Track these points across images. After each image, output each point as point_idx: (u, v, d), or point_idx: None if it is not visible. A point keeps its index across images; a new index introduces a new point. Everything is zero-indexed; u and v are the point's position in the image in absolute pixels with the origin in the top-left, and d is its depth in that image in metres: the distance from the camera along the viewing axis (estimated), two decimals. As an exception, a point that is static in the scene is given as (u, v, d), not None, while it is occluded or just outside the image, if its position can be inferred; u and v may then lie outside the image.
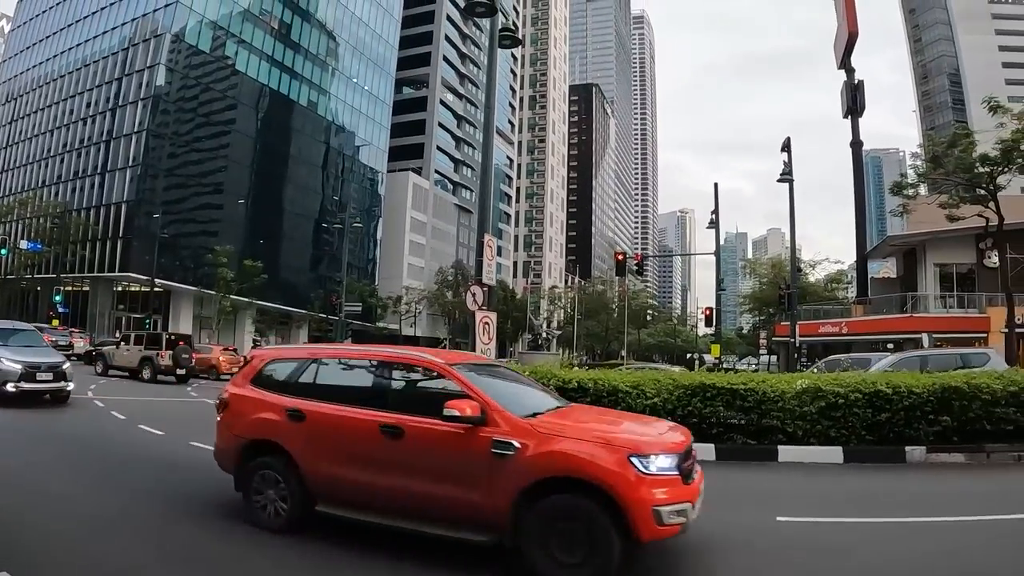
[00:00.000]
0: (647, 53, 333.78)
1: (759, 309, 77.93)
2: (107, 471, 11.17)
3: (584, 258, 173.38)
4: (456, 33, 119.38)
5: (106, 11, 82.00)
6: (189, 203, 75.36)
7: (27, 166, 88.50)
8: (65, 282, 72.69)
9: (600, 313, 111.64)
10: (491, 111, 20.97)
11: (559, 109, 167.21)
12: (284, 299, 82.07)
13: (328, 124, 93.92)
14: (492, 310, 18.23)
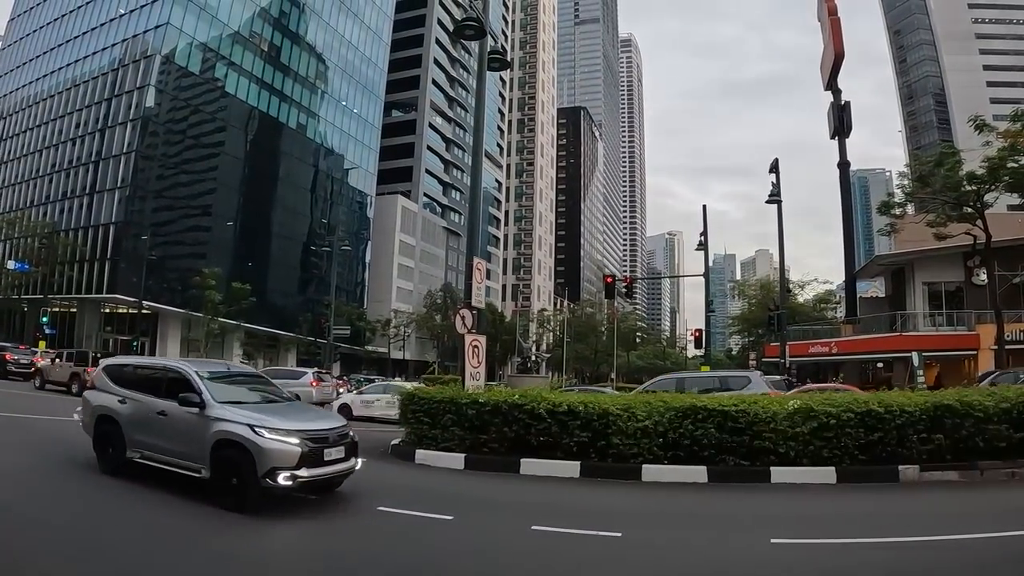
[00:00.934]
0: (635, 76, 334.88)
1: (748, 330, 78.03)
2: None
3: (573, 281, 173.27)
4: (445, 57, 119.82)
5: (96, 32, 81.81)
6: (177, 225, 75.14)
7: (15, 186, 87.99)
8: (52, 303, 72.45)
9: (589, 336, 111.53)
10: (480, 133, 21.08)
11: (547, 132, 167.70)
12: (272, 322, 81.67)
13: (317, 147, 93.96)
14: (481, 333, 18.47)
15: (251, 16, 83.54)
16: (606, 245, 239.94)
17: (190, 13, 75.59)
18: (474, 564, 8.17)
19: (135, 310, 65.52)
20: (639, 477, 13.45)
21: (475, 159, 21.66)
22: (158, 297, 69.77)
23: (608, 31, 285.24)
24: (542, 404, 14.42)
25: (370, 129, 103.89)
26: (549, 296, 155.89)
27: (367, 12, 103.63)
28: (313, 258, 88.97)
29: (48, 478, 11.87)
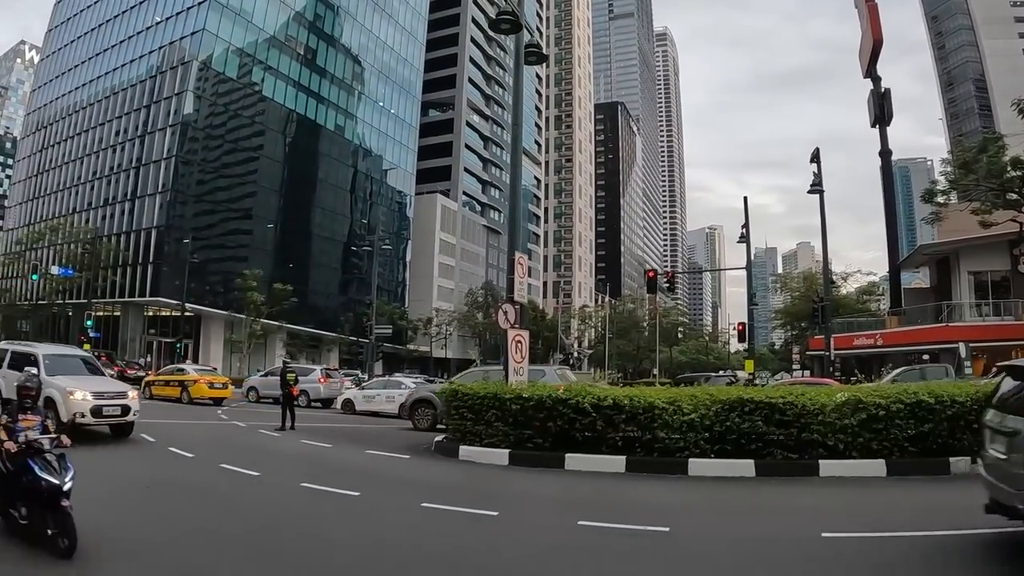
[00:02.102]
0: (671, 70, 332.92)
1: (791, 324, 77.02)
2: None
3: (614, 277, 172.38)
4: (480, 55, 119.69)
5: (134, 40, 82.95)
6: (218, 228, 75.85)
7: (57, 193, 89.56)
8: (96, 307, 73.00)
9: (631, 332, 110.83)
10: (519, 127, 20.81)
11: (585, 128, 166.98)
12: (314, 322, 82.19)
13: (355, 148, 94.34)
14: (524, 328, 18.15)
15: (286, 20, 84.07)
16: (646, 240, 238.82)
17: (226, 19, 76.25)
18: (520, 560, 7.97)
19: (178, 313, 65.94)
20: (685, 471, 13.17)
21: (514, 151, 21.42)
22: (201, 299, 70.26)
23: (643, 25, 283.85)
24: (587, 398, 14.25)
25: (408, 129, 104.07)
26: (590, 292, 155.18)
27: (401, 12, 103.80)
28: (354, 258, 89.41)
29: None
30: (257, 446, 18.09)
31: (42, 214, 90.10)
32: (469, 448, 15.45)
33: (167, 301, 69.39)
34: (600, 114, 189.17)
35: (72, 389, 16.19)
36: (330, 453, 17.03)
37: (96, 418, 16.44)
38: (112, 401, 16.87)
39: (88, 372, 18.42)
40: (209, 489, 11.71)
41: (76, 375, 17.47)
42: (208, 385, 33.00)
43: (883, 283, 68.93)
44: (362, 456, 16.49)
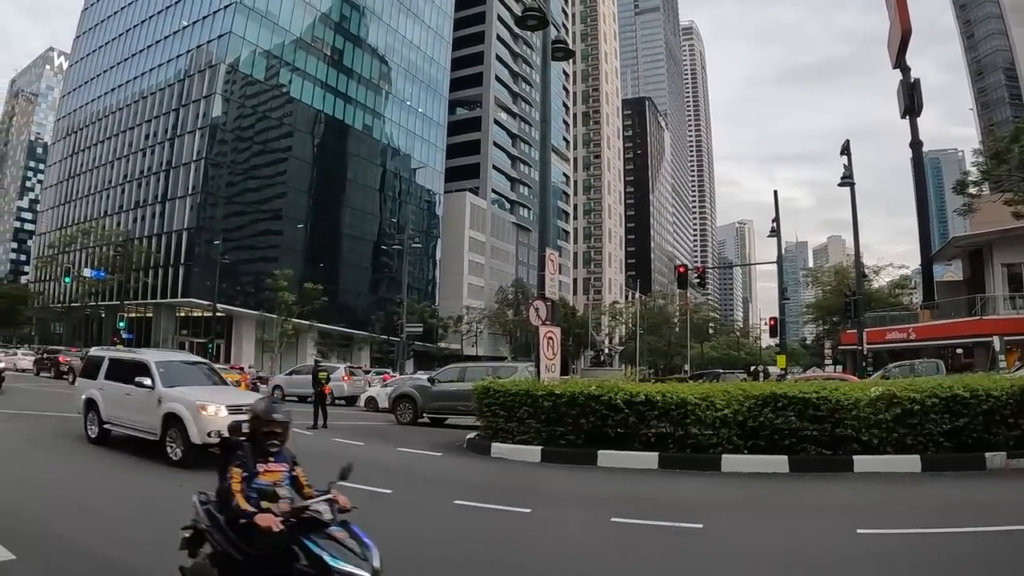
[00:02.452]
0: (698, 64, 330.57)
1: (822, 318, 76.24)
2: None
3: (644, 273, 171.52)
4: (507, 53, 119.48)
5: (161, 44, 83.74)
6: (249, 229, 76.24)
7: (89, 196, 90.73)
8: (128, 308, 73.79)
9: (662, 327, 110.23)
10: (547, 124, 20.87)
11: (613, 124, 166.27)
12: (345, 321, 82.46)
13: (384, 147, 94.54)
14: (555, 325, 18.14)
15: (312, 21, 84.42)
16: (676, 236, 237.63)
17: (252, 21, 76.69)
18: (553, 557, 7.90)
19: (210, 313, 66.41)
20: (718, 467, 13.12)
21: (543, 149, 21.33)
22: (232, 300, 70.85)
23: (669, 19, 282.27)
24: (619, 394, 14.24)
25: (436, 127, 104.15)
26: (620, 289, 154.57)
27: (427, 12, 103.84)
28: (384, 257, 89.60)
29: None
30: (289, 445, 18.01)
31: (74, 218, 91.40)
32: (501, 445, 15.51)
33: (199, 302, 69.99)
34: (628, 110, 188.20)
35: (204, 403, 13.05)
36: (362, 451, 17.02)
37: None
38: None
39: (210, 381, 15.53)
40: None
41: (199, 385, 14.61)
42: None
43: (915, 276, 67.85)
44: (394, 454, 16.51)
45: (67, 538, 7.84)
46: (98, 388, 15.03)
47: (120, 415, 14.40)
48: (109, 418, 14.61)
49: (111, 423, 14.64)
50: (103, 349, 18.04)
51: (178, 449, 12.97)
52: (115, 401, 14.29)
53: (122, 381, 14.24)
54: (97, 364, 15.82)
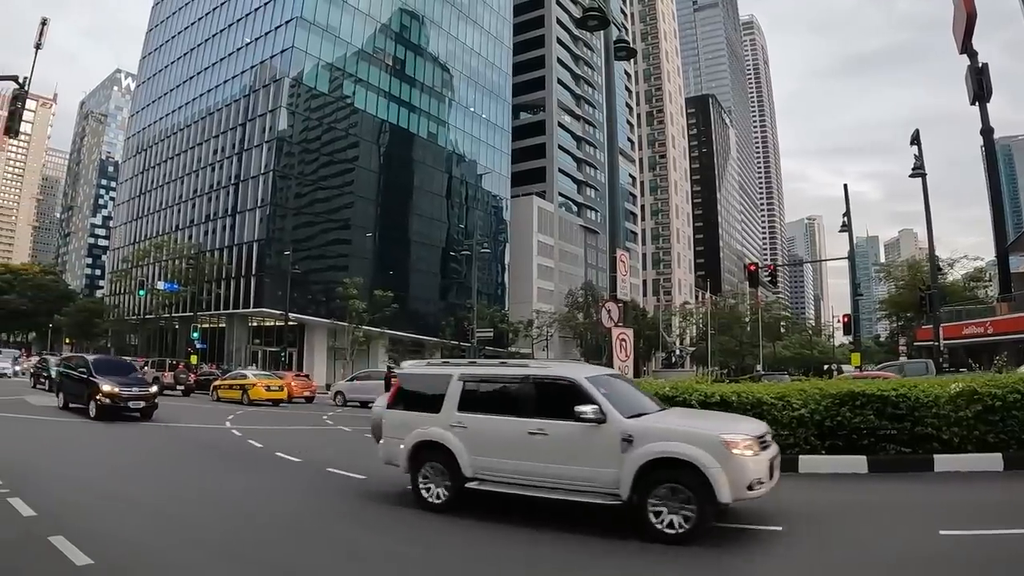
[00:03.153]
0: (760, 58, 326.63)
1: (896, 314, 74.43)
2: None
3: (713, 272, 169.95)
4: (568, 55, 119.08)
5: (225, 61, 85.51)
6: (318, 239, 76.91)
7: (160, 212, 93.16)
8: (201, 319, 75.08)
9: (733, 327, 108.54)
10: (613, 124, 20.82)
11: (677, 123, 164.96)
12: (415, 328, 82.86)
13: (449, 154, 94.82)
14: (628, 326, 18.10)
15: (373, 33, 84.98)
16: (744, 234, 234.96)
17: (314, 35, 77.49)
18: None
19: (282, 323, 67.16)
20: (796, 469, 12.72)
21: (610, 150, 21.07)
22: (304, 309, 71.51)
23: (728, 15, 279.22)
24: (694, 395, 14.03)
25: (500, 133, 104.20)
26: (690, 289, 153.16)
27: (486, 18, 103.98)
28: (452, 263, 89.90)
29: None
30: (362, 450, 17.78)
31: (146, 232, 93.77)
32: None
33: (271, 311, 70.81)
34: (691, 108, 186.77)
35: (730, 436, 8.63)
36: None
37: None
38: None
39: (657, 406, 10.76)
40: (317, 493, 11.86)
41: (658, 410, 10.33)
42: (265, 388, 36.00)
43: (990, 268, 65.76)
44: None
45: None
46: (450, 426, 10.09)
47: (514, 466, 9.63)
48: (483, 471, 9.78)
49: (486, 478, 9.78)
50: (440, 364, 11.36)
51: (676, 517, 8.41)
52: (500, 445, 9.71)
53: (511, 413, 9.80)
54: (433, 387, 10.65)
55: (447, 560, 7.99)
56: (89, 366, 23.56)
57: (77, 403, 23.50)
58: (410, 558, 7.96)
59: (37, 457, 13.86)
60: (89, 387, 22.56)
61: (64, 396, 24.92)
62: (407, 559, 7.92)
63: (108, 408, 21.99)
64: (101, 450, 16.22)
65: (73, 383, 24.16)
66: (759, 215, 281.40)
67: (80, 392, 23.33)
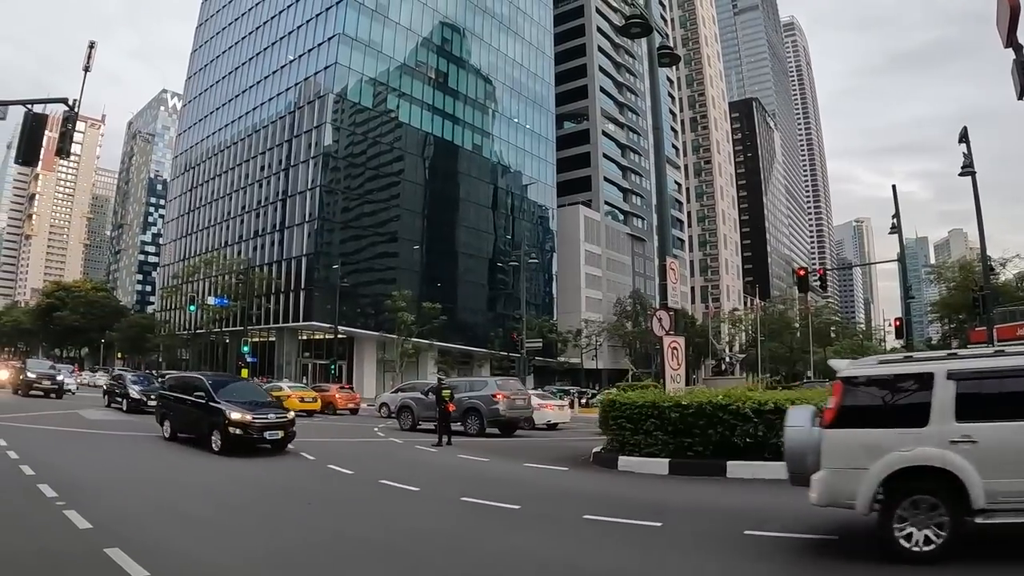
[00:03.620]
0: (802, 60, 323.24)
1: (948, 317, 72.98)
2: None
3: (761, 278, 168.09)
4: (609, 63, 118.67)
5: (270, 79, 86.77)
6: (366, 252, 77.52)
7: (209, 228, 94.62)
8: (252, 333, 76.01)
9: (783, 333, 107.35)
10: (659, 131, 20.89)
11: (721, 128, 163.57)
12: (464, 339, 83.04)
13: (494, 165, 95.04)
14: (679, 335, 17.99)
15: (415, 47, 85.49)
16: (792, 238, 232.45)
17: (356, 51, 78.14)
18: (689, 572, 7.86)
19: (331, 336, 67.55)
20: None
21: (657, 157, 20.93)
22: (352, 322, 71.77)
23: (768, 17, 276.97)
24: (747, 403, 14.08)
25: (545, 143, 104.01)
26: (739, 295, 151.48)
27: (527, 29, 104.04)
28: (500, 274, 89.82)
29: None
30: (415, 462, 18.18)
31: (195, 249, 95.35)
32: (628, 458, 15.46)
33: (320, 325, 71.35)
34: (735, 112, 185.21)
35: None
36: (488, 467, 17.15)
37: None
38: None
39: None
40: (369, 504, 11.83)
41: None
42: (299, 399, 36.16)
43: (1044, 266, 64.17)
44: (520, 469, 16.55)
45: None
46: (949, 442, 7.47)
47: None
48: (1001, 498, 7.27)
49: (1005, 507, 7.29)
50: (903, 361, 8.69)
51: None
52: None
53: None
54: (907, 393, 8.10)
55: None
56: (208, 388, 18.93)
57: (187, 433, 19.83)
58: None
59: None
60: (211, 415, 18.18)
61: (171, 425, 20.42)
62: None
63: (240, 441, 17.71)
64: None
65: (186, 410, 19.62)
66: (806, 218, 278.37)
67: (197, 421, 19.02)
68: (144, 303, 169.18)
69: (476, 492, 12.37)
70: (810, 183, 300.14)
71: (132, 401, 30.81)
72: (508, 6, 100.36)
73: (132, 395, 30.93)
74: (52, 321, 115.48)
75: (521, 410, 28.59)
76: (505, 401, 27.01)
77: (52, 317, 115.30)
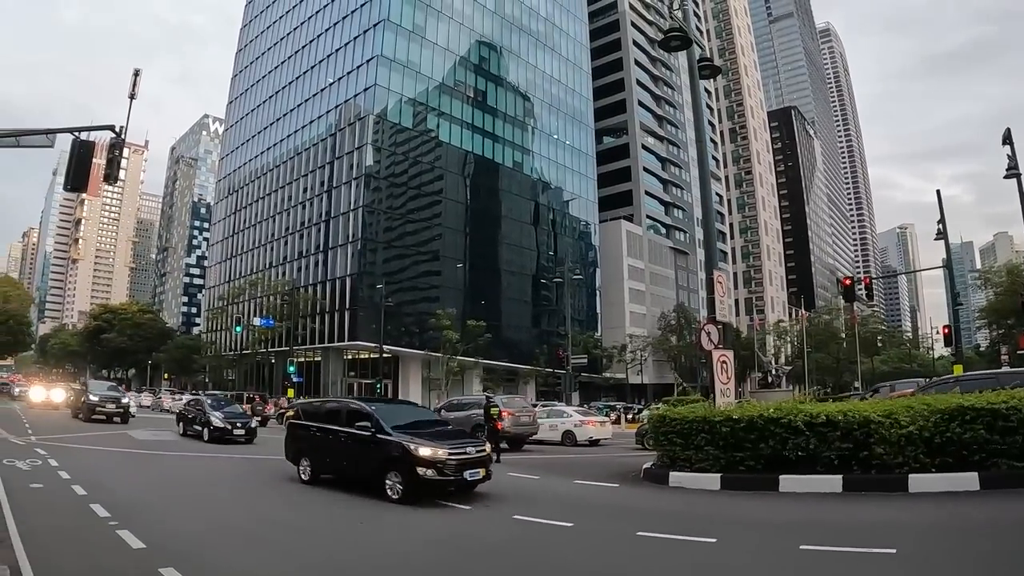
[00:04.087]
0: (840, 66, 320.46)
1: (996, 322, 71.71)
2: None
3: (806, 288, 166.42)
4: (647, 76, 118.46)
5: (310, 102, 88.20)
6: (409, 271, 77.96)
7: (253, 250, 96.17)
8: (297, 353, 76.60)
9: (829, 344, 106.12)
10: (703, 143, 20.99)
11: (761, 138, 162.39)
12: (509, 356, 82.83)
13: (534, 182, 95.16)
14: (728, 348, 17.91)
15: (452, 66, 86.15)
16: (836, 247, 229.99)
17: (395, 72, 78.98)
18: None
19: (376, 355, 67.86)
20: (905, 488, 12.68)
21: (701, 170, 20.90)
22: (397, 341, 71.98)
23: (804, 24, 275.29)
24: (799, 416, 13.92)
25: (585, 158, 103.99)
26: (783, 306, 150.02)
27: (563, 44, 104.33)
28: (543, 291, 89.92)
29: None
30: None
31: (240, 271, 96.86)
32: (679, 474, 15.44)
33: (365, 344, 71.60)
34: (774, 121, 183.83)
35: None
36: (538, 484, 17.27)
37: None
38: None
39: None
40: (423, 523, 11.79)
41: None
42: None
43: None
44: (571, 486, 16.65)
45: None
46: None
47: None
48: None
49: None
50: None
51: None
52: None
53: None
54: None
55: None
56: (375, 418, 14.86)
57: (326, 472, 16.26)
58: None
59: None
60: (385, 451, 14.20)
61: (311, 465, 16.49)
62: None
63: (430, 485, 13.68)
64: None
65: (341, 446, 15.57)
66: (849, 227, 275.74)
67: (361, 459, 14.96)
68: (189, 324, 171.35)
69: (529, 510, 12.42)
70: (852, 190, 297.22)
71: (215, 430, 28.08)
72: (544, 23, 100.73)
73: (215, 423, 28.34)
74: (100, 343, 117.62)
75: (526, 426, 29.59)
76: (510, 418, 28.06)
77: (100, 339, 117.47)
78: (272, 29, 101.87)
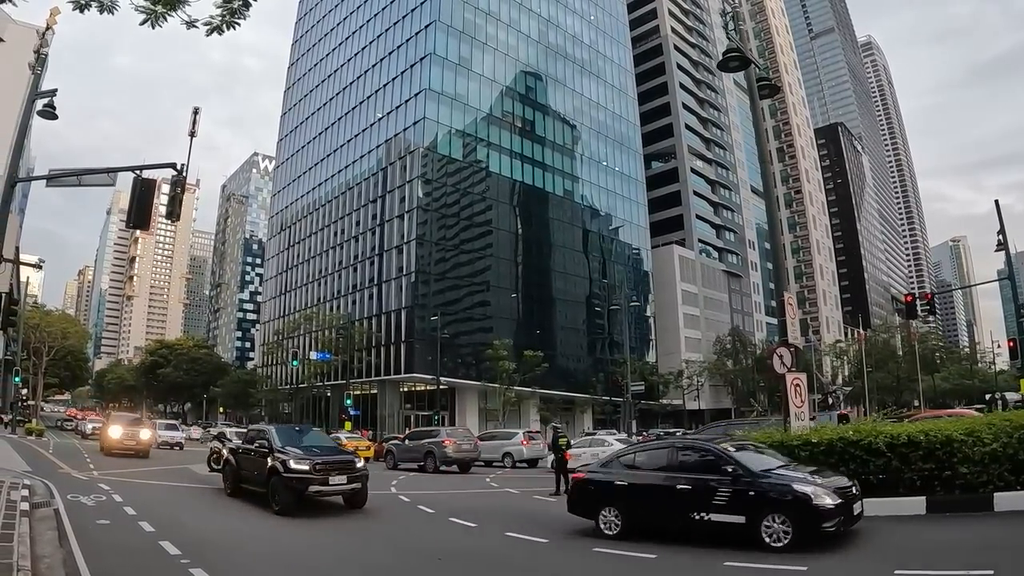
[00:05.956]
0: (884, 79, 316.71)
1: (1058, 335, 69.83)
2: None
3: (860, 306, 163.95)
4: (692, 99, 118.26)
5: (359, 138, 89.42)
6: (463, 302, 78.04)
7: (306, 285, 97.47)
8: (353, 386, 77.54)
9: (888, 362, 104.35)
10: (766, 164, 20.88)
11: (809, 156, 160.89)
12: (565, 385, 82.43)
13: (584, 209, 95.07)
14: (800, 371, 17.66)
15: (499, 97, 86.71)
16: (889, 263, 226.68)
17: (443, 105, 79.64)
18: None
19: (432, 386, 68.02)
20: (991, 507, 12.47)
21: (767, 192, 20.81)
22: (453, 372, 72.17)
23: (846, 39, 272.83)
24: (880, 437, 13.76)
25: (634, 184, 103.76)
26: (839, 326, 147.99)
27: (608, 71, 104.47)
28: (597, 318, 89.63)
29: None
30: (536, 512, 17.95)
31: (294, 305, 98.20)
32: None
33: (422, 376, 72.10)
34: (821, 139, 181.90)
35: None
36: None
37: None
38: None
39: None
40: (502, 559, 11.74)
41: None
42: (355, 448, 37.23)
43: None
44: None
45: None
46: None
47: None
48: None
49: None
50: None
51: None
52: None
53: None
54: None
55: None
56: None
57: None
58: None
59: None
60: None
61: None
62: None
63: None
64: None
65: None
66: (902, 242, 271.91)
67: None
68: (243, 359, 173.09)
69: (606, 542, 12.35)
70: (903, 205, 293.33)
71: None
72: (587, 50, 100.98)
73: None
74: (156, 377, 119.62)
75: (467, 452, 34.55)
76: (452, 445, 33.63)
77: (156, 374, 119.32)
78: (319, 67, 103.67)
